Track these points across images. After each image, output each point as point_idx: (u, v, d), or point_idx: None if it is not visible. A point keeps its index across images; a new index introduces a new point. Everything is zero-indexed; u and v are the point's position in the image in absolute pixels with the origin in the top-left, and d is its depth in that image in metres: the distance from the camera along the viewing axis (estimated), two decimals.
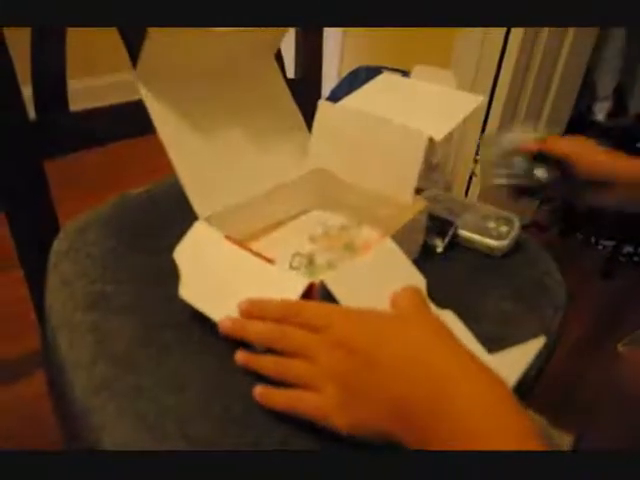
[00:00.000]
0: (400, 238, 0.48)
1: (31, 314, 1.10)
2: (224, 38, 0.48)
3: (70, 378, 0.42)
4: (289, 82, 0.81)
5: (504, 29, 1.38)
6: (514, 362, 0.41)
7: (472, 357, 0.34)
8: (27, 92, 0.58)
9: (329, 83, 1.67)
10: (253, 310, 0.41)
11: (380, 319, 0.38)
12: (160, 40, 0.45)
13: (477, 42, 1.45)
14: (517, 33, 1.38)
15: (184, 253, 0.47)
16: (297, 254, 0.52)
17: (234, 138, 0.55)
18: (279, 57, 0.77)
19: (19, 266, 1.21)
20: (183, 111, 0.50)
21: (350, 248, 0.55)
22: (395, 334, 0.36)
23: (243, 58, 0.55)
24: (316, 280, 0.42)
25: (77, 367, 0.41)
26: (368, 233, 0.57)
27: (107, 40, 1.06)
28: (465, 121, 0.56)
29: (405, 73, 1.54)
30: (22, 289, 1.18)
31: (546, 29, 1.41)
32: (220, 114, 0.54)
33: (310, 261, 0.52)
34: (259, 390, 0.38)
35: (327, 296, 0.42)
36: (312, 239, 0.56)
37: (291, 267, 0.51)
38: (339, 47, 1.78)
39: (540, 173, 0.63)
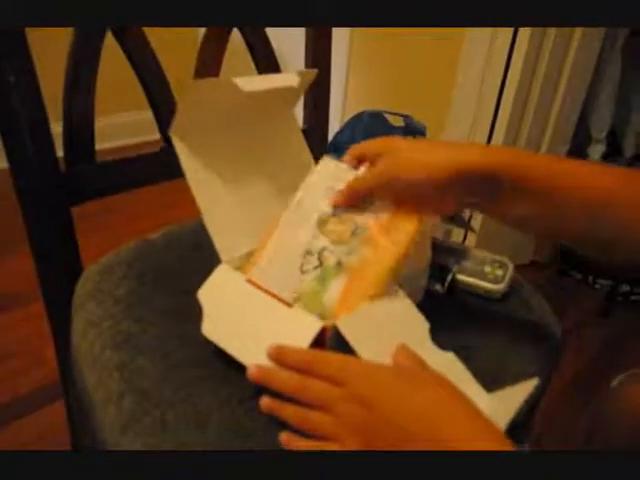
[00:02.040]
0: (405, 283, 0.52)
1: (45, 350, 1.14)
2: (250, 96, 0.53)
3: (99, 412, 0.45)
4: None
5: (500, 79, 1.45)
6: (508, 402, 0.44)
7: (480, 417, 0.39)
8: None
9: (332, 128, 1.73)
10: (279, 356, 0.45)
11: (394, 376, 0.43)
12: (193, 98, 0.50)
13: (475, 88, 1.51)
14: (514, 75, 1.44)
15: (208, 293, 0.51)
16: (307, 252, 0.53)
17: (256, 189, 0.59)
18: None
19: (26, 304, 1.26)
20: (211, 163, 0.55)
21: (358, 236, 0.53)
22: (407, 392, 0.41)
23: (266, 115, 0.60)
24: (328, 324, 0.47)
25: (106, 403, 0.45)
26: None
27: (117, 81, 1.12)
28: None
29: (406, 117, 1.60)
30: (31, 325, 1.23)
31: (542, 71, 1.47)
32: (244, 166, 0.58)
33: (320, 262, 0.52)
34: (284, 437, 0.42)
35: (339, 338, 0.46)
36: (321, 223, 0.54)
37: (302, 271, 0.52)
38: (342, 92, 1.85)
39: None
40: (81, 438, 0.53)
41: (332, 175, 0.55)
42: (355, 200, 0.51)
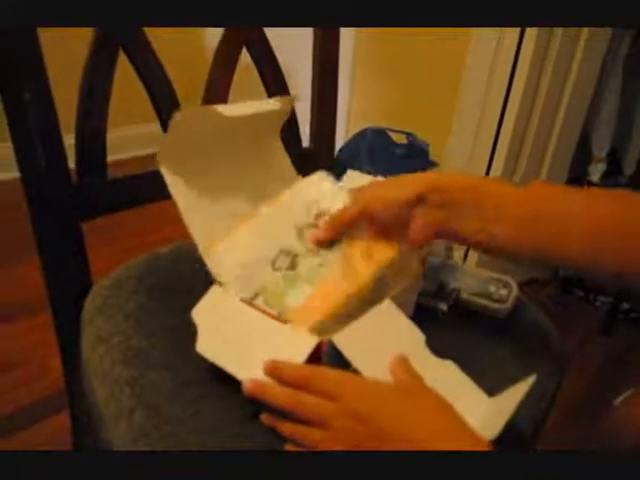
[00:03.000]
0: (396, 299, 0.53)
1: (49, 360, 1.15)
2: (233, 122, 0.55)
3: (109, 427, 0.46)
4: (304, 151, 0.88)
5: (501, 99, 1.46)
6: (508, 400, 0.45)
7: (470, 432, 0.41)
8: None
9: (337, 143, 1.74)
10: (275, 371, 0.45)
11: (391, 393, 0.44)
12: (180, 127, 0.52)
13: (477, 105, 1.53)
14: (515, 96, 1.45)
15: (202, 312, 0.52)
16: (282, 252, 0.54)
17: (244, 207, 0.61)
18: (295, 128, 0.84)
19: (31, 314, 1.26)
20: (198, 187, 0.57)
21: (335, 247, 0.55)
22: (404, 409, 0.42)
23: (251, 139, 0.62)
24: (324, 339, 0.48)
25: (117, 417, 0.45)
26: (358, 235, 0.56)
27: (126, 94, 1.14)
28: None
29: (409, 135, 1.61)
30: (36, 335, 1.23)
31: (543, 91, 1.48)
32: (231, 189, 0.60)
33: (293, 265, 0.54)
34: (289, 447, 0.43)
35: (334, 354, 0.46)
36: (299, 230, 0.56)
37: (274, 268, 0.53)
38: (345, 109, 1.87)
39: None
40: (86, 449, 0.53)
41: (322, 191, 0.57)
42: (337, 230, 0.53)
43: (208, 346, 0.49)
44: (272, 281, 0.52)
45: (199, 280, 0.61)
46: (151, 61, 0.70)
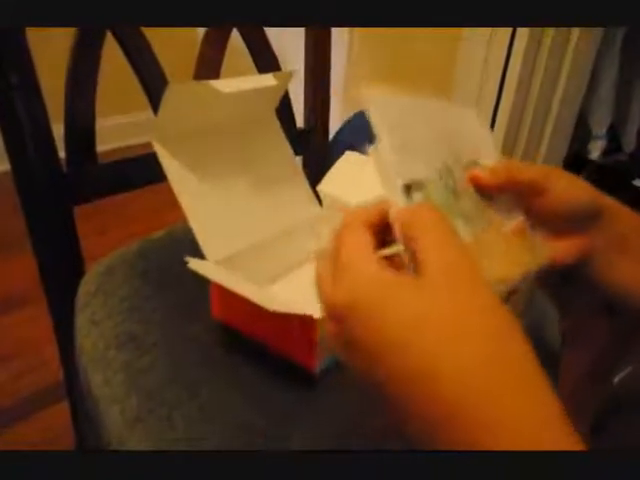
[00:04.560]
0: None
1: (46, 351, 1.14)
2: (230, 97, 0.54)
3: (104, 411, 0.45)
4: (299, 132, 0.86)
5: (500, 73, 1.44)
6: None
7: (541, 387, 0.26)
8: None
9: (332, 126, 1.73)
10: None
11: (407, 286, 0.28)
12: (173, 103, 0.50)
13: (473, 86, 1.52)
14: (513, 73, 1.44)
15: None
16: (446, 167, 0.40)
17: (240, 187, 0.60)
18: (289, 108, 0.83)
19: (25, 305, 1.25)
20: (193, 165, 0.55)
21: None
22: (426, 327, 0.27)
23: (247, 115, 0.61)
24: None
25: (112, 402, 0.45)
26: None
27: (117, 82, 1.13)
28: None
29: None
30: (32, 326, 1.23)
31: (541, 70, 1.47)
32: (227, 166, 0.59)
33: (454, 190, 0.40)
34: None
35: None
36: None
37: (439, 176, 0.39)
38: (341, 91, 1.85)
39: None
40: (87, 438, 0.52)
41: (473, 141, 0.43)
42: (504, 183, 0.39)
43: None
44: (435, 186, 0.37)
45: None
46: (142, 47, 0.68)
